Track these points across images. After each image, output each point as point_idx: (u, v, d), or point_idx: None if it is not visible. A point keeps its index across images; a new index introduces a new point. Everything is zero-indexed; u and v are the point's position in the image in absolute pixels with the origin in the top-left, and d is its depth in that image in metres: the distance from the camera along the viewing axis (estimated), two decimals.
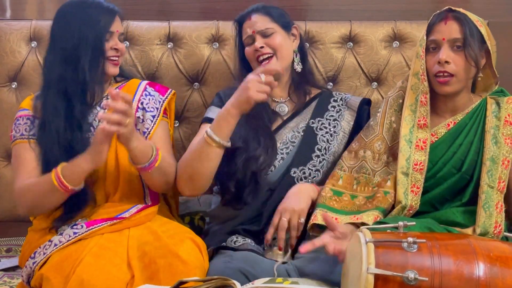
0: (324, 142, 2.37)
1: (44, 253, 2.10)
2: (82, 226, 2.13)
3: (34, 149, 2.21)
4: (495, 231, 2.10)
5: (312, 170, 2.33)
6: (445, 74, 2.14)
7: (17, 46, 2.66)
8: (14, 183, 2.23)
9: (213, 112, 2.37)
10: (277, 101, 2.42)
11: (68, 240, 2.10)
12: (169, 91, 2.39)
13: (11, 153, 2.62)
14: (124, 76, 2.40)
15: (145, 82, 2.39)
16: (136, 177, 2.24)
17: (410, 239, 1.75)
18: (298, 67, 2.40)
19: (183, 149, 2.42)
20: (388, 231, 1.91)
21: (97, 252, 2.06)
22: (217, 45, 2.71)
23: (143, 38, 2.67)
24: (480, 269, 1.73)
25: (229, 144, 2.16)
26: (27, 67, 2.66)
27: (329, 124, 2.39)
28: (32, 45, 2.67)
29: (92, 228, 2.13)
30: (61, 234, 2.13)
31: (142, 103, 2.31)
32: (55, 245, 2.10)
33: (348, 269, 1.86)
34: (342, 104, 2.44)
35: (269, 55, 2.33)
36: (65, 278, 2.00)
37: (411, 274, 1.70)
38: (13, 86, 2.67)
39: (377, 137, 2.25)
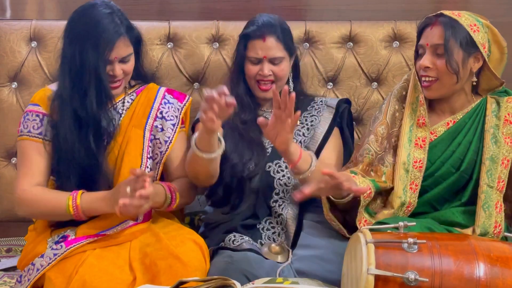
0: (300, 135, 2.38)
1: (28, 279, 2.08)
2: (61, 246, 2.09)
3: (41, 149, 2.18)
4: (495, 231, 2.10)
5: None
6: (427, 78, 2.16)
7: (17, 46, 2.66)
8: (16, 181, 2.20)
9: None
10: (265, 111, 2.43)
11: (49, 264, 2.06)
12: (187, 98, 2.37)
13: (11, 153, 2.65)
14: (141, 78, 2.36)
15: (164, 88, 2.36)
16: None
17: (411, 240, 1.76)
18: (291, 86, 2.40)
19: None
20: (388, 231, 1.91)
21: (100, 253, 2.06)
22: (217, 45, 2.71)
23: (143, 38, 2.66)
24: (481, 270, 1.74)
25: (217, 153, 2.17)
26: (27, 67, 2.66)
27: (306, 120, 2.41)
28: (32, 45, 2.67)
29: (71, 247, 2.08)
30: (42, 256, 2.09)
31: (161, 112, 2.29)
32: (37, 270, 2.07)
33: (348, 270, 1.86)
34: (321, 104, 2.45)
35: (270, 83, 2.34)
36: (67, 278, 2.00)
37: (411, 275, 1.71)
38: (13, 86, 2.67)
39: (380, 123, 2.26)
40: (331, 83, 2.72)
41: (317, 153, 2.34)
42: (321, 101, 2.46)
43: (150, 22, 2.72)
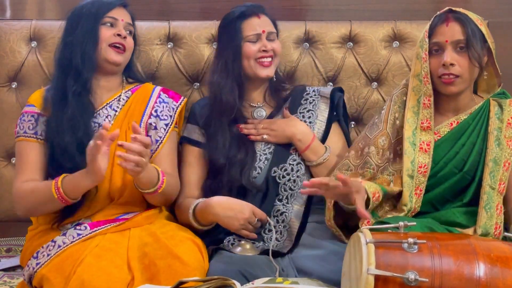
0: None
1: (48, 254, 2.10)
2: (85, 228, 2.14)
3: (37, 148, 2.21)
4: (496, 232, 2.11)
5: (293, 164, 2.33)
6: (450, 76, 2.14)
7: (17, 46, 2.66)
8: (14, 181, 2.24)
9: (190, 130, 2.40)
10: (255, 106, 2.42)
11: (72, 242, 2.11)
12: (182, 98, 2.40)
13: (11, 153, 2.65)
14: (137, 79, 2.40)
15: (159, 88, 2.39)
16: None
17: (411, 240, 1.75)
18: (274, 75, 2.41)
19: None
20: (388, 231, 1.91)
21: (98, 253, 2.06)
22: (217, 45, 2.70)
23: (143, 38, 2.65)
24: (481, 270, 1.74)
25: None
26: (27, 67, 2.66)
27: (303, 117, 2.40)
28: (32, 45, 2.67)
29: (96, 230, 2.13)
30: (64, 234, 2.13)
31: (156, 111, 2.32)
32: (59, 246, 2.10)
33: (349, 270, 1.86)
34: (315, 95, 2.44)
35: (270, 58, 2.35)
36: (66, 278, 2.00)
37: (411, 275, 1.71)
38: (13, 86, 2.67)
39: (381, 133, 2.25)
40: (331, 83, 2.72)
41: None
42: (314, 90, 2.46)
43: (150, 22, 2.72)
